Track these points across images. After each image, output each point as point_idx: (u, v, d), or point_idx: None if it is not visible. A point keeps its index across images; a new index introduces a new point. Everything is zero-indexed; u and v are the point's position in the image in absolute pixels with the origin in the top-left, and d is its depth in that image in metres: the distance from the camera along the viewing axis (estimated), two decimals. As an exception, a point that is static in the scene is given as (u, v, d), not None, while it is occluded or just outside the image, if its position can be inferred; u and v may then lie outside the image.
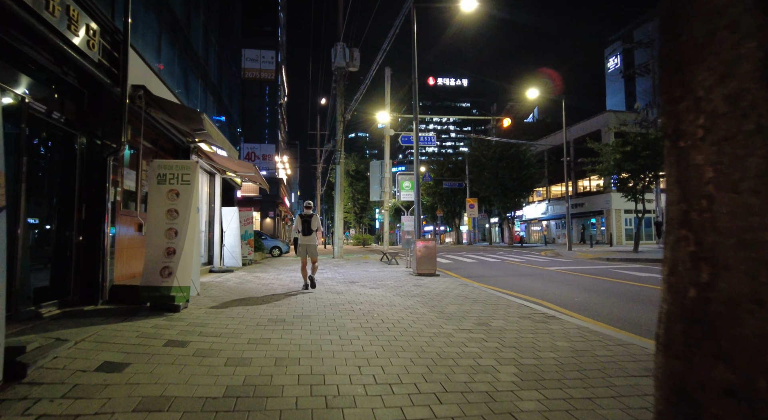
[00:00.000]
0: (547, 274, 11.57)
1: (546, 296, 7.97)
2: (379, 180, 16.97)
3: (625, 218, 31.63)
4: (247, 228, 14.20)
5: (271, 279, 9.53)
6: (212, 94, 11.10)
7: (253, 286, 8.10)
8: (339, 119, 17.52)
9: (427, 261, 10.48)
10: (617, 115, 32.27)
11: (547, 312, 6.01)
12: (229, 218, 11.04)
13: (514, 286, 9.18)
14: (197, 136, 7.39)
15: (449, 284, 8.84)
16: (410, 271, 11.54)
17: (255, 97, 28.79)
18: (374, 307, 6.08)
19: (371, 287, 8.30)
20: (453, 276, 11.04)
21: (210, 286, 8.02)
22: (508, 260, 16.62)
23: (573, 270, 12.66)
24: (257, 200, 27.87)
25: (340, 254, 17.68)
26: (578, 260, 16.56)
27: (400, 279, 9.76)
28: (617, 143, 18.80)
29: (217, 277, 9.43)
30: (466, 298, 7.17)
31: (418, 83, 11.67)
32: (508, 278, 10.85)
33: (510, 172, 30.77)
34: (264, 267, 13.16)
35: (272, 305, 6.00)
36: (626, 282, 9.67)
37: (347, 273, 11.15)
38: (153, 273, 5.05)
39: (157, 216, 5.17)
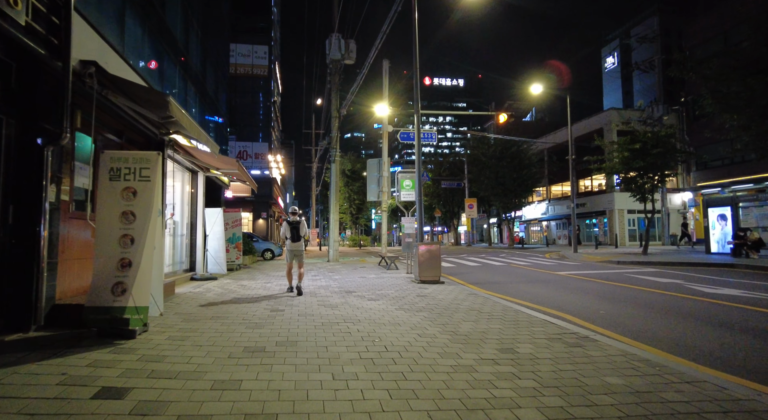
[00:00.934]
0: (559, 281, 10.67)
1: (566, 307, 7.06)
2: (376, 179, 16.03)
3: (628, 218, 30.87)
4: (235, 230, 13.22)
5: (257, 288, 8.55)
6: (194, 83, 10.12)
7: (236, 298, 7.12)
8: (334, 115, 16.57)
9: (430, 266, 9.55)
10: (620, 112, 31.54)
11: (578, 331, 5.09)
12: (212, 220, 10.06)
13: (527, 295, 8.27)
14: (169, 126, 6.43)
15: (457, 294, 7.91)
16: (412, 277, 10.61)
17: (247, 94, 27.77)
18: (375, 326, 5.14)
19: (370, 298, 7.35)
20: (458, 282, 10.12)
21: (185, 298, 7.03)
22: (514, 264, 15.72)
23: (585, 275, 11.78)
24: (249, 201, 26.82)
25: (335, 258, 16.72)
26: (587, 264, 15.69)
27: (401, 287, 8.82)
28: (625, 140, 17.97)
29: (197, 287, 8.44)
30: (480, 312, 6.24)
31: (417, 76, 10.74)
32: (518, 285, 9.95)
33: (511, 171, 29.91)
34: (252, 273, 12.18)
35: (253, 325, 5.04)
36: (649, 289, 8.78)
37: (343, 280, 10.21)
38: (102, 290, 4.08)
39: (109, 220, 4.20)
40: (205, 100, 11.39)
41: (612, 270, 13.09)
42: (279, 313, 5.83)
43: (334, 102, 16.56)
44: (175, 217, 9.78)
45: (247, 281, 9.83)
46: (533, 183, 32.31)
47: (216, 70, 12.97)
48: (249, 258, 16.52)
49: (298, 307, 6.35)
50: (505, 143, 30.75)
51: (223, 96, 14.09)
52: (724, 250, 16.00)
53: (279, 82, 37.26)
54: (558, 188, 38.92)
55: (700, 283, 9.68)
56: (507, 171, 30.10)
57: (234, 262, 13.01)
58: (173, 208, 9.39)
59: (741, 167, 21.23)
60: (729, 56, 13.63)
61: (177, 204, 10.02)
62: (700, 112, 18.58)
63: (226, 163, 8.34)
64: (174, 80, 8.55)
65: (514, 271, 13.33)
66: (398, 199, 11.89)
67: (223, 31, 14.17)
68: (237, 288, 8.55)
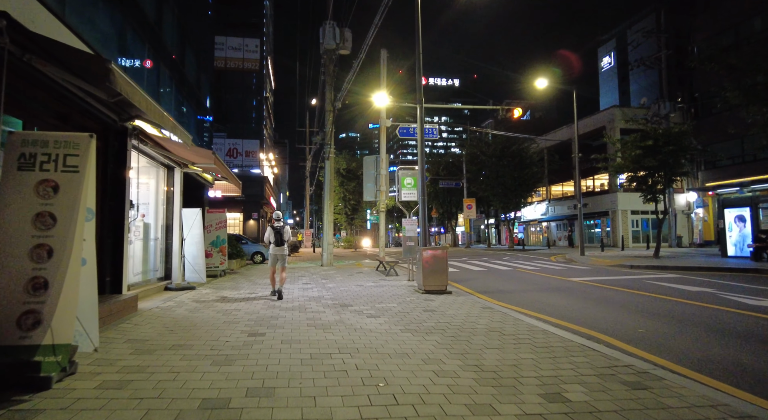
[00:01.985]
0: (576, 289, 9.65)
1: (598, 324, 6.04)
2: (373, 177, 14.97)
3: (632, 219, 30.00)
4: (219, 232, 12.08)
5: (239, 300, 7.43)
6: (169, 67, 8.98)
7: (209, 317, 5.99)
8: (328, 108, 15.47)
9: (436, 274, 8.48)
10: (623, 110, 30.66)
11: (631, 362, 4.05)
12: (190, 222, 8.93)
13: (547, 308, 7.22)
14: (129, 109, 5.30)
15: (470, 308, 6.84)
16: (414, 285, 9.53)
17: (238, 89, 26.58)
18: (378, 358, 4.05)
19: (370, 314, 6.27)
20: (467, 291, 9.06)
21: (148, 317, 5.90)
22: (520, 268, 14.70)
23: (601, 282, 10.77)
24: (239, 201, 25.62)
25: (329, 261, 15.61)
26: (598, 268, 14.70)
27: (404, 299, 7.74)
28: (636, 137, 17.02)
29: (168, 300, 7.30)
30: (502, 333, 5.18)
31: (420, 58, 9.68)
32: (533, 294, 8.91)
33: (511, 170, 28.91)
34: (238, 280, 11.04)
35: (222, 360, 3.94)
36: (682, 300, 7.76)
37: (338, 289, 9.11)
38: (4, 323, 2.96)
39: (15, 224, 3.08)
40: (184, 88, 10.24)
41: (628, 276, 12.10)
42: (258, 339, 4.72)
43: (329, 95, 15.45)
44: (148, 218, 8.65)
45: (229, 291, 8.69)
46: (534, 183, 31.35)
47: (198, 54, 11.82)
48: (237, 262, 15.37)
49: (282, 329, 5.24)
50: (505, 141, 29.76)
51: (205, 84, 12.94)
52: (742, 254, 15.08)
53: (272, 78, 36.06)
54: (558, 188, 38.03)
55: (735, 292, 8.68)
56: (507, 170, 29.11)
57: (218, 268, 11.87)
58: (140, 207, 8.25)
59: (753, 166, 20.39)
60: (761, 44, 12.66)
61: (151, 204, 8.89)
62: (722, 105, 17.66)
63: (201, 155, 7.22)
64: (142, 58, 7.41)
65: (523, 277, 12.30)
66: (398, 198, 10.82)
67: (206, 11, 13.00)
68: (215, 300, 7.42)
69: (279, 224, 7.94)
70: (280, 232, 7.85)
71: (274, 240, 7.86)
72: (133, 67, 6.85)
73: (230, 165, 25.73)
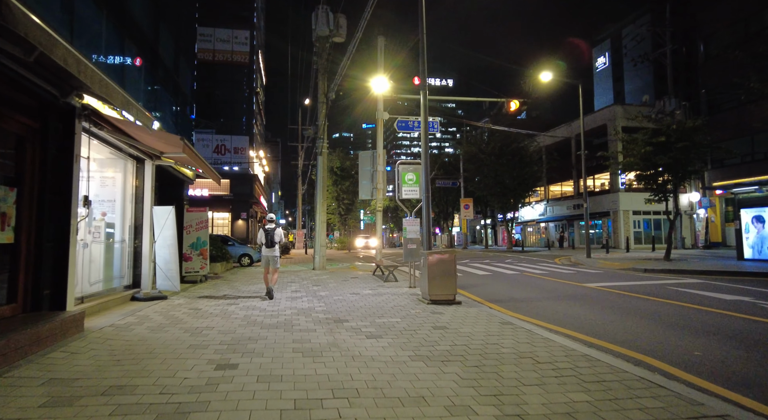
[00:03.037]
0: (596, 296, 8.67)
1: (641, 344, 5.09)
2: (369, 174, 13.90)
3: (634, 220, 29.23)
4: (200, 234, 10.95)
5: (215, 315, 6.31)
6: (137, 44, 7.84)
7: (173, 339, 4.88)
8: (321, 100, 14.38)
9: (443, 282, 7.44)
10: (625, 107, 29.91)
11: (723, 409, 3.03)
12: (161, 222, 7.79)
13: (574, 321, 6.21)
14: (63, 78, 4.18)
15: (486, 323, 5.81)
16: (418, 294, 8.48)
17: (226, 83, 25.37)
18: (386, 407, 2.99)
19: (370, 333, 5.20)
20: (476, 300, 8.03)
21: (93, 342, 4.76)
22: (527, 272, 13.72)
23: (620, 288, 9.81)
24: (227, 199, 24.45)
25: (321, 264, 14.51)
26: (609, 272, 13.76)
27: (408, 311, 6.68)
28: (647, 133, 16.14)
29: (130, 314, 6.17)
30: (536, 361, 4.16)
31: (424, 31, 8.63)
32: (550, 303, 7.91)
33: (510, 169, 27.96)
34: (219, 287, 9.90)
35: (170, 413, 2.85)
36: (722, 312, 6.79)
37: (331, 298, 8.02)
38: None
39: None
40: (158, 71, 9.09)
41: (646, 281, 11.15)
42: (227, 375, 3.63)
43: (321, 85, 14.37)
44: (112, 217, 7.51)
45: (205, 301, 7.57)
46: (534, 182, 30.45)
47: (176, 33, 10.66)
48: (221, 265, 14.23)
49: (261, 358, 4.15)
50: (504, 139, 28.81)
51: (187, 72, 11.79)
52: (761, 257, 14.23)
53: (263, 74, 34.83)
54: (557, 188, 37.22)
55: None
56: (506, 169, 28.16)
57: (198, 273, 10.73)
58: (102, 205, 7.12)
59: (764, 164, 19.62)
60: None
61: (117, 201, 7.75)
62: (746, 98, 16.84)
63: (167, 142, 6.09)
64: (97, 28, 6.29)
65: (532, 282, 11.30)
66: (398, 196, 9.77)
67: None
68: (186, 315, 6.30)
69: (270, 226, 8.20)
70: (271, 234, 8.10)
71: (265, 242, 8.11)
72: (78, 36, 5.71)
73: (218, 162, 24.54)
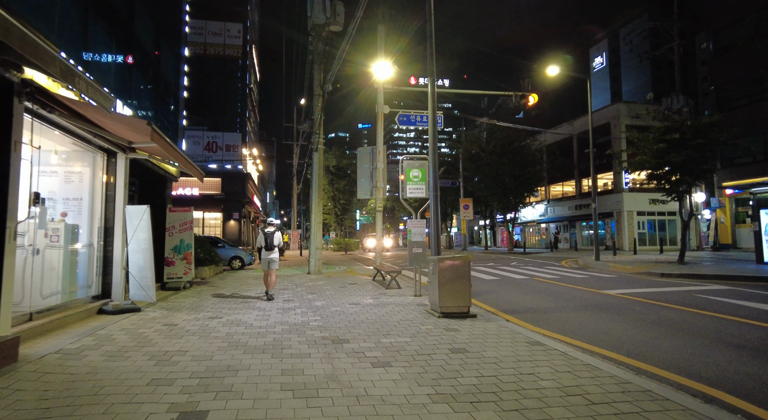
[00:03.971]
0: (621, 306, 7.80)
1: (701, 370, 4.23)
2: (368, 171, 12.97)
3: (638, 221, 28.49)
4: (183, 236, 9.98)
5: (192, 332, 5.36)
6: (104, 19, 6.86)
7: (131, 371, 3.92)
8: (317, 92, 13.44)
9: (456, 291, 6.54)
10: (629, 105, 29.19)
11: None
12: (135, 223, 6.82)
13: (606, 338, 5.33)
14: None
15: (511, 343, 4.91)
16: (425, 304, 7.57)
17: (218, 78, 24.34)
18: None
19: (375, 359, 4.28)
20: (491, 312, 7.13)
21: (23, 378, 3.78)
22: (537, 277, 12.85)
23: (643, 296, 8.96)
24: (219, 199, 23.43)
25: (317, 268, 13.56)
26: (624, 276, 12.92)
27: (418, 327, 5.76)
28: (661, 130, 15.32)
29: (84, 336, 5.19)
30: (586, 399, 3.29)
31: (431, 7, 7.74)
32: (573, 315, 7.03)
33: (512, 168, 27.11)
34: (203, 295, 8.93)
35: None
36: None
37: (328, 310, 7.09)
38: None
39: None
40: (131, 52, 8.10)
41: (668, 287, 10.31)
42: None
43: (317, 76, 13.42)
44: (76, 218, 6.55)
45: (184, 314, 6.61)
46: (536, 182, 29.63)
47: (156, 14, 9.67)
48: (209, 269, 13.25)
49: (238, 399, 3.22)
50: (506, 138, 27.96)
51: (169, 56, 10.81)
52: (784, 260, 13.44)
53: (257, 70, 33.79)
54: (558, 188, 36.44)
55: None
56: (508, 168, 27.30)
57: (181, 279, 9.76)
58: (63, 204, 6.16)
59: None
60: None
61: (85, 199, 6.79)
62: None
63: (131, 127, 5.10)
64: None
65: (546, 288, 10.43)
66: (403, 195, 8.86)
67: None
68: (157, 333, 5.34)
69: (270, 230, 8.49)
70: (270, 238, 8.42)
71: (265, 245, 8.42)
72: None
73: (209, 160, 23.53)
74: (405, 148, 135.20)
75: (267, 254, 8.39)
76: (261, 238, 8.48)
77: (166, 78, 10.13)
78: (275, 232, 8.55)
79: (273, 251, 8.46)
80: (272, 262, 8.44)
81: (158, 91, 9.54)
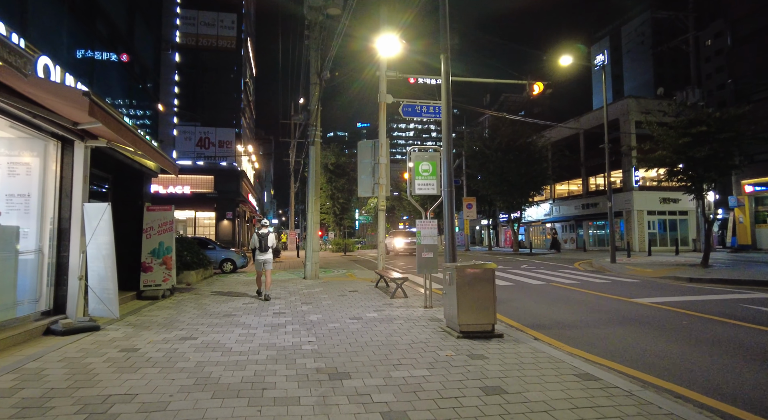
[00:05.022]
0: (661, 318, 6.73)
1: None
2: (370, 167, 11.88)
3: (648, 221, 27.43)
4: (163, 238, 8.88)
5: (150, 366, 4.23)
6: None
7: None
8: (313, 80, 12.33)
9: (478, 306, 5.44)
10: (639, 101, 28.16)
11: None
12: (94, 223, 5.70)
13: (669, 364, 4.24)
14: None
15: (556, 378, 3.79)
16: (439, 318, 6.47)
17: (211, 72, 23.21)
18: None
19: (385, 408, 3.16)
20: (516, 327, 6.02)
21: None
22: (555, 282, 11.76)
23: (680, 305, 7.90)
24: (211, 197, 22.29)
25: (314, 273, 12.44)
26: (649, 282, 11.86)
27: (434, 351, 4.65)
28: (681, 123, 14.25)
29: (3, 373, 4.09)
30: None
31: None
32: (611, 330, 5.95)
33: (518, 166, 25.99)
34: (182, 306, 7.81)
35: None
36: None
37: (325, 327, 5.98)
38: None
39: None
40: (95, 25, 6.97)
41: (704, 295, 9.23)
42: None
43: (314, 63, 12.32)
44: (17, 218, 5.44)
45: (153, 333, 5.50)
46: (543, 180, 28.53)
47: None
48: (197, 274, 12.14)
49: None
50: (511, 134, 26.85)
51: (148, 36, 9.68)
52: (821, 263, 12.37)
53: (253, 64, 32.65)
54: (563, 187, 35.38)
55: None
56: (513, 166, 26.19)
57: (159, 288, 8.66)
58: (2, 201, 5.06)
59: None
60: None
61: (33, 196, 5.69)
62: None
63: (59, 96, 3.95)
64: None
65: (569, 296, 9.34)
66: (411, 191, 7.77)
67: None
68: (107, 363, 4.23)
69: (264, 231, 8.63)
70: (264, 239, 8.57)
71: (259, 246, 8.56)
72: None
73: (200, 157, 22.38)
74: (404, 148, 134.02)
75: (261, 255, 8.54)
76: (255, 239, 8.65)
77: (141, 61, 8.99)
78: (269, 233, 8.74)
79: (267, 252, 8.60)
80: (266, 263, 8.54)
81: (133, 75, 8.41)
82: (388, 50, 11.00)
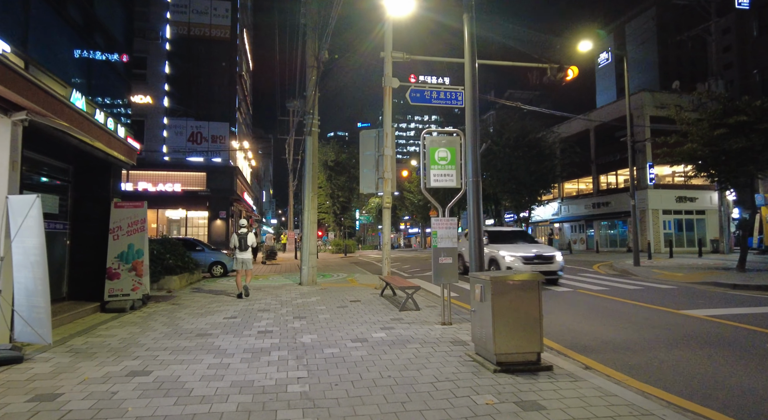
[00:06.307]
0: (729, 337, 5.48)
1: None
2: (373, 160, 10.61)
3: (664, 220, 26.16)
4: (132, 239, 7.60)
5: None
6: None
7: None
8: (310, 64, 11.04)
9: (521, 328, 4.17)
10: (654, 95, 26.92)
11: None
12: (18, 221, 4.42)
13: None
14: None
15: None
16: (463, 340, 5.18)
17: (204, 63, 21.95)
18: None
19: None
20: (560, 351, 4.74)
21: None
22: (582, 288, 10.48)
23: (741, 319, 6.63)
24: (203, 196, 20.99)
25: (310, 278, 11.14)
26: (686, 288, 10.58)
27: (466, 395, 3.34)
28: (718, 112, 12.96)
29: None
30: None
31: None
32: (676, 354, 4.68)
33: (527, 163, 24.69)
34: (151, 322, 6.50)
35: None
36: None
37: (321, 354, 4.68)
38: None
39: None
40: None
41: (760, 308, 7.94)
42: None
43: (311, 44, 11.04)
44: None
45: (94, 365, 4.22)
46: (554, 177, 27.25)
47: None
48: (180, 279, 10.85)
49: None
50: (520, 130, 25.54)
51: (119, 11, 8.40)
52: None
53: (249, 56, 31.34)
54: (572, 186, 34.10)
55: None
56: (522, 162, 24.88)
57: (127, 298, 7.36)
58: None
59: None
60: None
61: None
62: None
63: None
64: None
65: (603, 305, 8.05)
66: (426, 183, 6.48)
67: None
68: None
69: (243, 230, 8.89)
70: (244, 238, 8.82)
71: (239, 245, 8.81)
72: None
73: (192, 153, 21.07)
74: (405, 147, 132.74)
75: (241, 255, 8.79)
76: (234, 238, 8.90)
77: (109, 33, 7.71)
78: (249, 233, 8.96)
79: (246, 251, 8.84)
80: (246, 262, 8.79)
81: (91, 44, 7.11)
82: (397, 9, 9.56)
